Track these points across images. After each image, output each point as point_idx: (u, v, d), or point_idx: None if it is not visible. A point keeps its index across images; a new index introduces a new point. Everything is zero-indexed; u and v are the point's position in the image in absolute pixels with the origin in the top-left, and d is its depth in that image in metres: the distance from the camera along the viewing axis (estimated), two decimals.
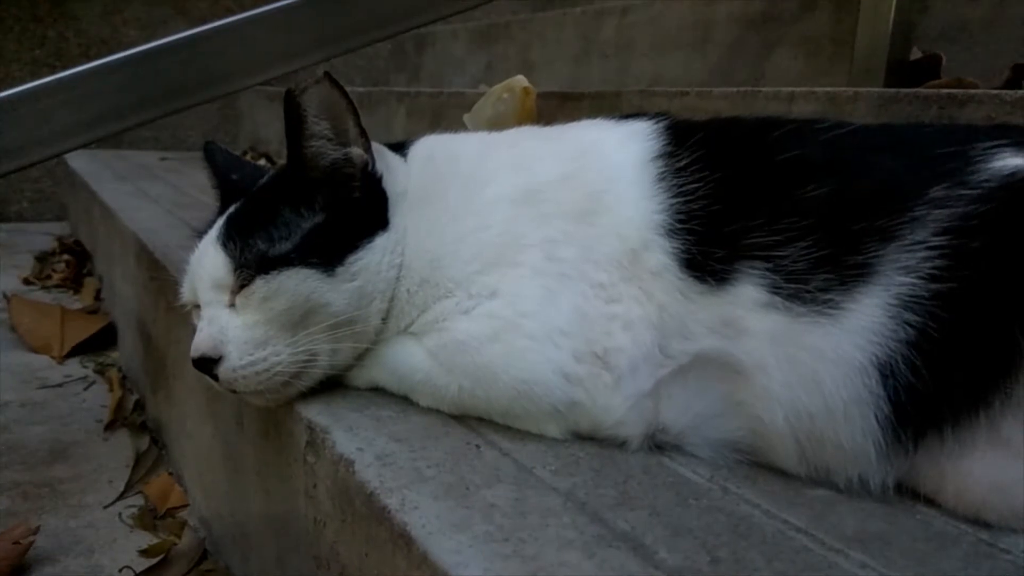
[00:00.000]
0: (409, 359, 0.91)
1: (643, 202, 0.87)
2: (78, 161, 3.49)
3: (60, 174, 3.90)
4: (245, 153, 4.12)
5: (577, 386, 0.83)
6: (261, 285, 0.87)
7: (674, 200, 0.85)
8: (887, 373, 0.72)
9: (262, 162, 3.84)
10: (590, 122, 1.01)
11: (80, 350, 2.31)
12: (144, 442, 1.71)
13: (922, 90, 1.39)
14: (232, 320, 0.89)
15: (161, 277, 1.61)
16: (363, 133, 0.93)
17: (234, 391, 0.89)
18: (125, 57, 1.35)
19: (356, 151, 0.93)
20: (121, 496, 1.54)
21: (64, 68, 1.40)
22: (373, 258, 0.91)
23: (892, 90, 1.42)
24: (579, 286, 0.86)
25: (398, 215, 0.94)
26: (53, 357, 2.27)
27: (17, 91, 1.35)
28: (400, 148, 1.03)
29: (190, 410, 1.46)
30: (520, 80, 2.09)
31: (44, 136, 1.38)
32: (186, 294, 0.96)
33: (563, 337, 0.83)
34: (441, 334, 0.88)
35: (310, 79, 0.88)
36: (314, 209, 0.91)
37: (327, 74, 0.89)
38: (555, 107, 2.14)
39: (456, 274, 0.89)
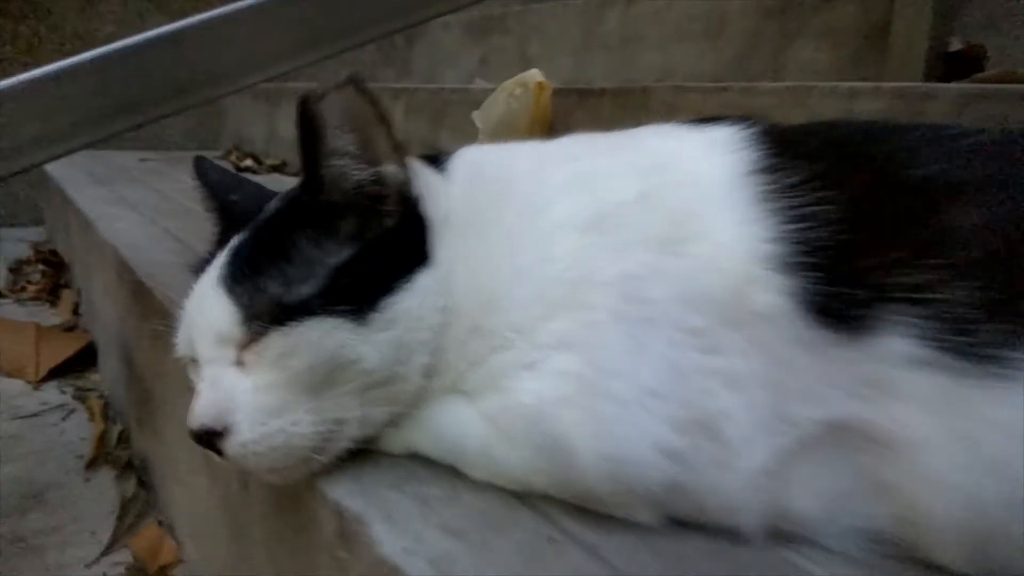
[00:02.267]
0: (459, 424, 0.75)
1: (744, 227, 0.71)
2: (52, 163, 3.29)
3: (34, 176, 3.69)
4: (230, 152, 3.93)
5: (677, 463, 0.66)
6: (277, 339, 0.71)
7: (789, 226, 0.69)
8: None
9: (248, 162, 3.66)
10: (660, 128, 0.84)
11: (58, 372, 2.12)
12: (130, 486, 1.53)
13: (1006, 86, 1.24)
14: (240, 382, 0.72)
15: (146, 303, 1.43)
16: (397, 147, 0.76)
17: (244, 469, 0.73)
18: (97, 57, 1.17)
19: (390, 169, 0.76)
20: (105, 551, 1.37)
21: (37, 66, 1.23)
22: (413, 301, 0.74)
23: (974, 86, 1.26)
24: (669, 333, 0.69)
25: (442, 247, 0.77)
26: (28, 381, 2.08)
27: None
28: (434, 162, 0.86)
29: (182, 456, 1.28)
30: (534, 75, 1.92)
31: (11, 147, 1.20)
32: (182, 347, 0.79)
33: (656, 400, 0.67)
34: (501, 395, 0.72)
35: (329, 84, 0.71)
36: (338, 241, 0.75)
37: (351, 78, 0.72)
38: (573, 104, 1.97)
39: (516, 319, 0.72)
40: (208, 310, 0.75)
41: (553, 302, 0.72)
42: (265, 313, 0.72)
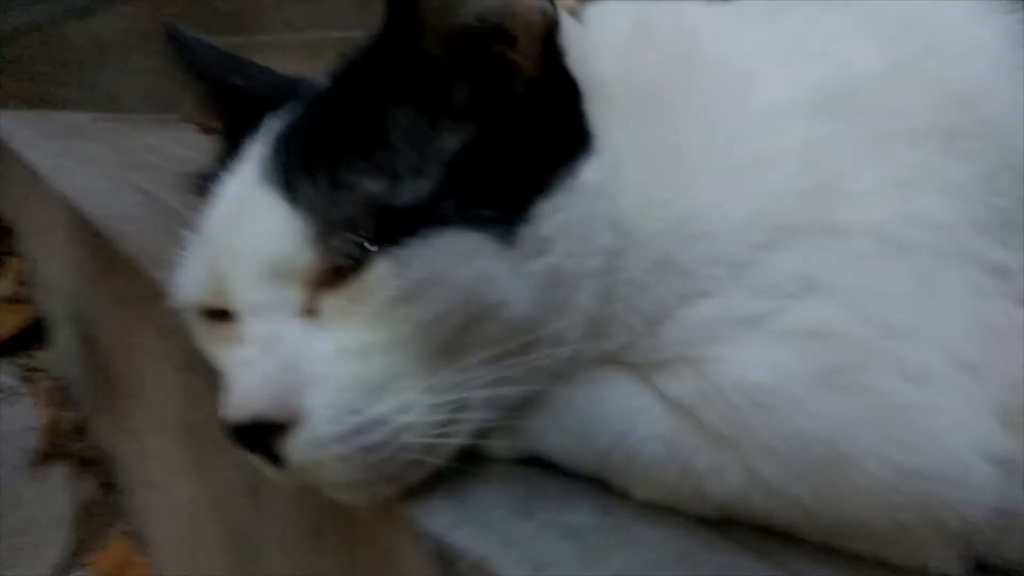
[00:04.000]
0: (625, 417, 0.48)
1: None
2: None
3: None
4: (191, 116, 3.60)
5: (1010, 476, 0.41)
6: (390, 271, 0.44)
7: None
8: None
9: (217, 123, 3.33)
10: None
11: (2, 350, 1.81)
12: (90, 487, 1.25)
13: None
14: (315, 342, 0.46)
15: (108, 259, 1.15)
16: None
17: (309, 482, 0.46)
18: None
19: None
20: (62, 570, 1.09)
21: None
22: (578, 208, 0.48)
23: None
24: (968, 273, 0.44)
25: (602, 127, 0.51)
26: None
27: None
28: None
29: (158, 451, 1.01)
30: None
31: None
32: (194, 289, 0.52)
33: (971, 377, 0.42)
34: (705, 370, 0.45)
35: None
36: (454, 112, 0.48)
37: None
38: None
39: (726, 249, 0.46)
40: (252, 226, 0.47)
41: (783, 222, 0.46)
42: (357, 221, 0.45)
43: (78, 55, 3.96)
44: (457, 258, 0.45)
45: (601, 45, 0.53)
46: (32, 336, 1.86)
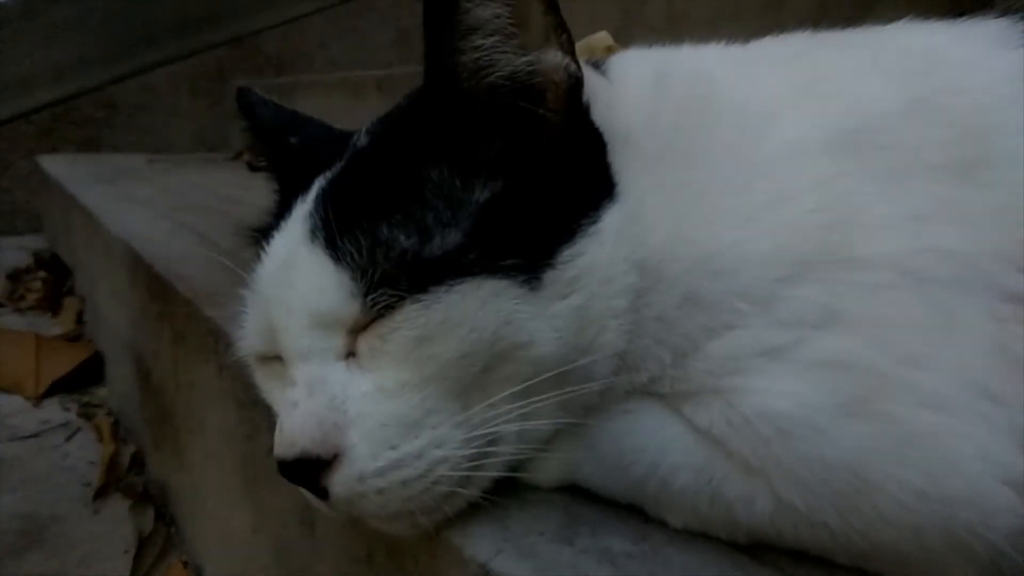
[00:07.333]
0: (657, 447, 0.50)
1: None
2: (53, 165, 3.07)
3: (35, 182, 3.47)
4: (241, 153, 3.70)
5: None
6: (414, 315, 0.48)
7: None
8: None
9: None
10: (904, 25, 0.60)
11: (60, 387, 1.88)
12: (148, 519, 1.29)
13: None
14: (355, 383, 0.49)
15: (166, 300, 1.20)
16: (561, 26, 0.52)
17: (353, 513, 0.50)
18: None
19: (552, 57, 0.52)
20: None
21: None
22: (602, 252, 0.51)
23: None
24: (986, 302, 0.46)
25: (627, 174, 0.54)
26: (27, 397, 1.84)
27: None
28: None
29: (214, 484, 1.04)
30: (602, 38, 1.67)
31: None
32: (251, 341, 0.56)
33: (992, 403, 0.43)
34: (731, 400, 0.47)
35: None
36: (483, 166, 0.51)
37: None
38: None
39: (748, 284, 0.48)
40: (300, 281, 0.51)
41: (802, 258, 0.48)
42: (393, 276, 0.48)
43: (129, 99, 4.10)
44: (478, 303, 0.47)
45: (623, 96, 0.56)
46: (90, 373, 1.93)
